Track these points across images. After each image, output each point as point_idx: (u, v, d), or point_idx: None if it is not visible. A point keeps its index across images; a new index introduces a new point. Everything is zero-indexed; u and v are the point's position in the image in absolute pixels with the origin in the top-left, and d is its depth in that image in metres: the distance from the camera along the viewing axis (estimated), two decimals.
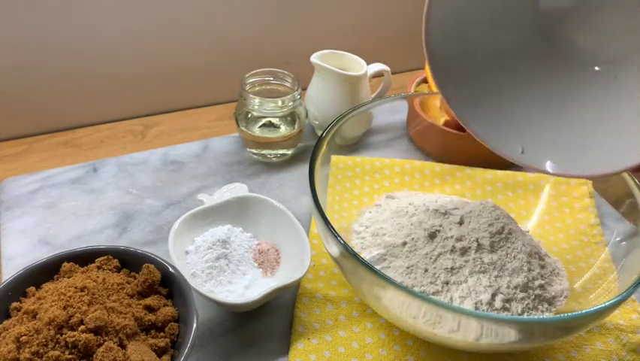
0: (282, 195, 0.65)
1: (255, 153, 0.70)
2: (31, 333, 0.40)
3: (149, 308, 0.44)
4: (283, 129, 0.69)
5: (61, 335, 0.39)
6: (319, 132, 0.71)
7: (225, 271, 0.52)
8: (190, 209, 0.55)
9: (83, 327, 0.40)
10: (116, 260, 0.47)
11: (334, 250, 0.46)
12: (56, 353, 0.39)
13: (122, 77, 0.77)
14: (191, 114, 0.80)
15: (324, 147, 0.53)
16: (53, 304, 0.41)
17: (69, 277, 0.45)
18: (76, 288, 0.42)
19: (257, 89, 0.69)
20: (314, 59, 0.69)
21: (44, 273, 0.45)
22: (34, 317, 0.41)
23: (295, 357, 0.48)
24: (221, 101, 0.83)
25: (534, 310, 0.49)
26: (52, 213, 0.61)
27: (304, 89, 0.71)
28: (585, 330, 0.50)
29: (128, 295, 0.44)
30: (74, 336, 0.39)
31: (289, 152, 0.70)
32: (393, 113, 0.72)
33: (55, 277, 0.46)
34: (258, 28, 0.81)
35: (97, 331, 0.40)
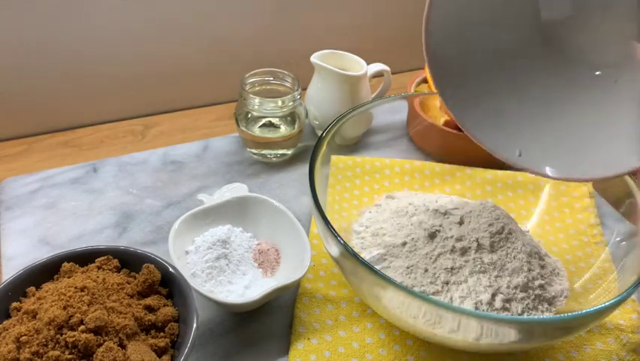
0: (282, 195, 0.65)
1: (255, 153, 0.70)
2: (31, 333, 0.40)
3: (149, 308, 0.44)
4: (283, 129, 0.69)
5: (61, 335, 0.39)
6: (319, 132, 0.71)
7: (225, 271, 0.52)
8: (190, 209, 0.55)
9: (83, 327, 0.40)
10: (116, 260, 0.47)
11: (334, 250, 0.46)
12: (56, 353, 0.39)
13: (122, 77, 0.77)
14: (191, 114, 0.80)
15: (324, 147, 0.53)
16: (53, 304, 0.41)
17: (69, 277, 0.45)
18: (76, 288, 0.42)
19: (257, 89, 0.69)
20: (314, 59, 0.69)
21: (44, 273, 0.45)
22: (34, 317, 0.41)
23: (295, 357, 0.48)
24: (221, 101, 0.83)
25: (534, 310, 0.49)
26: (52, 213, 0.61)
27: (304, 89, 0.71)
28: (585, 330, 0.50)
29: (128, 295, 0.44)
30: (74, 336, 0.39)
31: (289, 152, 0.70)
32: (393, 113, 0.72)
33: (55, 277, 0.46)
34: (258, 28, 0.81)
35: (97, 331, 0.40)
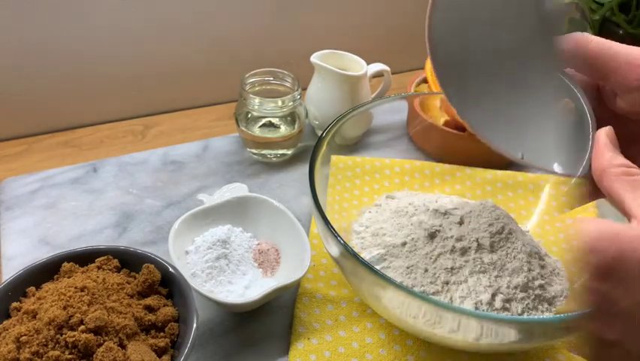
0: (282, 195, 0.65)
1: (255, 153, 0.70)
2: (31, 333, 0.39)
3: (149, 308, 0.44)
4: (283, 129, 0.69)
5: (61, 335, 0.39)
6: (319, 132, 0.71)
7: (225, 271, 0.52)
8: (190, 209, 0.55)
9: (83, 327, 0.40)
10: (116, 260, 0.47)
11: (334, 250, 0.46)
12: (56, 353, 0.39)
13: (122, 77, 0.77)
14: (191, 114, 0.80)
15: (324, 147, 0.53)
16: (53, 304, 0.41)
17: (69, 277, 0.45)
18: (76, 288, 0.42)
19: (257, 89, 0.69)
20: (314, 59, 0.69)
21: (44, 273, 0.45)
22: (34, 317, 0.41)
23: (295, 357, 0.48)
24: (221, 101, 0.83)
25: (534, 310, 0.49)
26: (52, 213, 0.61)
27: (304, 89, 0.71)
28: None
29: (128, 295, 0.44)
30: (74, 336, 0.39)
31: (289, 152, 0.70)
32: (393, 113, 0.71)
33: (55, 277, 0.46)
34: (258, 28, 0.81)
35: (97, 331, 0.40)
